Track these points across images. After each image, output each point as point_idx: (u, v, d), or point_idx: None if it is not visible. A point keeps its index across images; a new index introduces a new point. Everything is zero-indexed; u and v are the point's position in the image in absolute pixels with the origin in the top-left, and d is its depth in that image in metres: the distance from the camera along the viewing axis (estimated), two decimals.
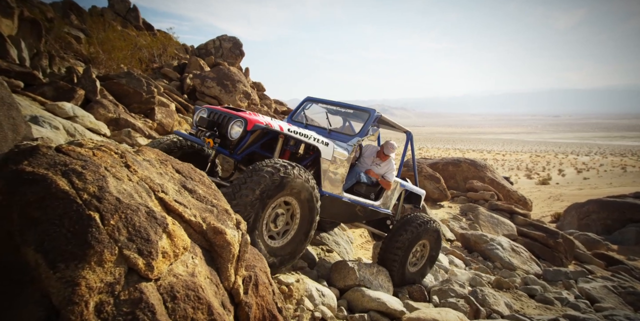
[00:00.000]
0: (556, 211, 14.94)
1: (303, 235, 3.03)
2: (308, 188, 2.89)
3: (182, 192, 1.57)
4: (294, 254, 3.01)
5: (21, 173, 1.05)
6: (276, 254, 2.84)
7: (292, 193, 2.83)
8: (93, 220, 1.02)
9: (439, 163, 13.30)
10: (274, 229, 2.87)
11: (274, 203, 2.77)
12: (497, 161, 46.29)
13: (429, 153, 52.92)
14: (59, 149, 1.22)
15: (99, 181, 1.14)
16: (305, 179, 2.86)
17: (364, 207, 4.03)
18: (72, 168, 1.13)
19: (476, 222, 9.14)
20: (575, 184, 26.90)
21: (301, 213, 2.99)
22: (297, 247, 3.02)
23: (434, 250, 4.68)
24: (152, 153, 1.81)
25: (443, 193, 11.02)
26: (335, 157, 3.52)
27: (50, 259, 0.93)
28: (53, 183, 1.05)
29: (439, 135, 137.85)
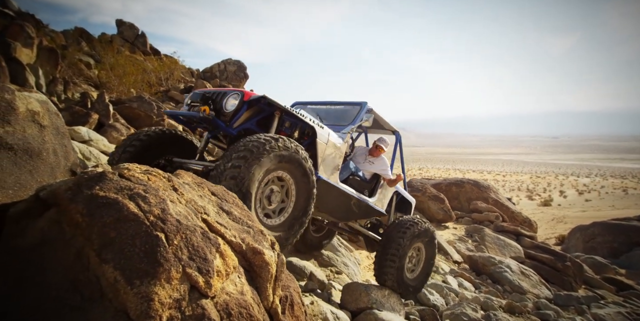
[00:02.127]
0: (560, 233, 14.85)
1: (301, 211, 2.88)
2: (299, 159, 2.71)
3: (220, 214, 1.67)
4: (294, 230, 2.85)
5: (96, 197, 1.16)
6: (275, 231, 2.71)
7: (283, 168, 2.67)
8: (160, 240, 1.12)
9: (441, 183, 13.38)
10: (268, 207, 2.71)
11: (265, 179, 2.61)
12: (497, 182, 46.29)
13: (430, 174, 52.99)
14: (122, 175, 1.33)
15: (161, 204, 1.24)
16: (294, 150, 2.67)
17: (359, 202, 3.88)
18: (137, 192, 1.24)
19: (482, 244, 9.10)
20: (577, 206, 26.80)
21: (296, 188, 2.83)
22: (296, 223, 2.86)
23: (429, 254, 4.50)
24: (188, 176, 1.92)
25: (448, 214, 11.03)
26: (331, 141, 3.41)
27: (127, 276, 1.02)
28: (124, 206, 1.15)
29: (438, 156, 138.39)
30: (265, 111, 3.13)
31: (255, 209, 2.54)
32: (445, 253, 7.99)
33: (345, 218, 4.14)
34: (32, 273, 1.12)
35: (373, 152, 4.34)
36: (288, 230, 2.79)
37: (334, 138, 3.48)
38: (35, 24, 9.41)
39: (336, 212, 3.85)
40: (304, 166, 2.79)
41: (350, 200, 3.77)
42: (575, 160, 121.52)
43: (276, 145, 2.54)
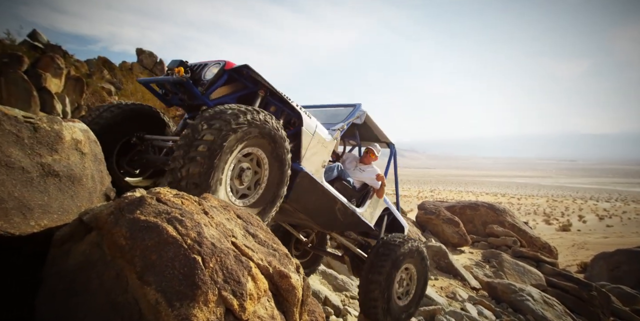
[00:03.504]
0: (582, 260, 14.26)
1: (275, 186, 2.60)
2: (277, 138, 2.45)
3: (247, 237, 1.71)
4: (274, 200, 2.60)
5: (137, 221, 1.23)
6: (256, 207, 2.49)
7: (258, 144, 2.40)
8: (198, 263, 1.17)
9: (455, 206, 13.16)
10: (239, 186, 2.42)
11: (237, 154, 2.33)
12: (512, 205, 45.16)
13: (442, 196, 52.11)
14: (159, 199, 1.41)
15: (197, 227, 1.31)
16: (274, 126, 2.42)
17: (345, 208, 3.47)
18: (174, 216, 1.31)
19: (501, 270, 8.80)
20: (599, 232, 25.83)
21: (270, 158, 2.53)
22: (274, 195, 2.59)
23: (421, 274, 3.99)
24: (214, 199, 1.99)
25: (463, 238, 10.77)
26: (318, 133, 3.12)
27: (168, 298, 1.06)
28: (164, 229, 1.22)
29: (450, 178, 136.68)
30: (248, 88, 2.88)
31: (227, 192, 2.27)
32: (462, 279, 7.74)
33: (328, 225, 3.65)
34: (77, 296, 1.17)
35: (364, 158, 4.03)
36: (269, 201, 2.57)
37: (322, 131, 3.19)
38: (62, 54, 10.04)
39: (318, 215, 3.39)
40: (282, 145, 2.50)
41: (335, 204, 3.38)
42: (593, 184, 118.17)
43: (258, 117, 2.29)
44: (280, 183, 2.62)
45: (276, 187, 2.61)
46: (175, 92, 2.85)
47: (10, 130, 1.36)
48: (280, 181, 2.61)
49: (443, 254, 8.17)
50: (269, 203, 2.58)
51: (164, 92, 2.98)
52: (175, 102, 2.98)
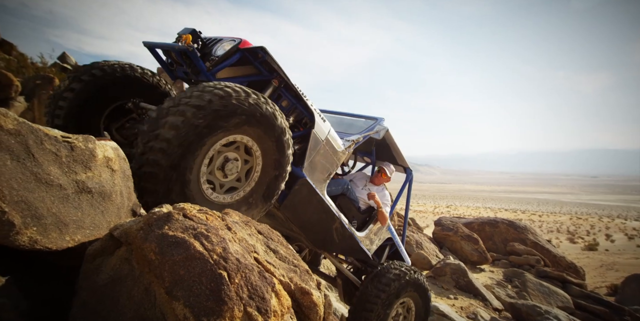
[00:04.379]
0: (612, 282, 13.53)
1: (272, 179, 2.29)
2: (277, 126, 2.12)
3: (268, 252, 1.73)
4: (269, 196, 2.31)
5: (166, 236, 1.27)
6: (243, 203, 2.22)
7: (248, 133, 2.07)
8: (224, 279, 1.19)
9: (474, 223, 12.83)
10: (223, 179, 2.13)
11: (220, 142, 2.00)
12: (533, 222, 43.64)
13: (459, 212, 50.87)
14: (185, 215, 1.46)
15: (222, 243, 1.34)
16: (272, 111, 2.09)
17: (343, 228, 3.12)
18: (200, 232, 1.35)
19: (524, 290, 8.45)
20: (628, 252, 24.57)
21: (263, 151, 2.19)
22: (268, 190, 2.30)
23: (420, 312, 3.61)
24: (236, 215, 2.02)
25: (483, 255, 10.44)
26: (329, 139, 2.83)
27: (196, 313, 1.08)
28: (191, 245, 1.26)
29: (466, 193, 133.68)
30: (261, 75, 2.60)
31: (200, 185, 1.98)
32: (484, 299, 7.46)
33: (321, 244, 3.27)
34: (107, 309, 1.21)
35: (374, 178, 3.71)
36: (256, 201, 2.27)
37: (335, 139, 2.91)
38: None
39: (311, 231, 3.04)
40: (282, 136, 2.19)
41: (333, 223, 3.05)
42: (619, 202, 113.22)
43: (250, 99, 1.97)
44: (277, 177, 2.29)
45: (272, 180, 2.27)
46: (180, 63, 2.55)
47: (51, 149, 1.44)
48: (278, 175, 2.29)
49: (462, 272, 7.92)
50: (261, 198, 2.27)
51: (169, 62, 2.69)
52: (180, 75, 2.70)
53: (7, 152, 1.22)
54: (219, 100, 1.88)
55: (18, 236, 1.17)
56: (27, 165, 1.30)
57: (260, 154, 2.20)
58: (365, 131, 3.33)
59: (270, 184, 2.30)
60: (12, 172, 1.22)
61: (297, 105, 2.76)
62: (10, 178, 1.20)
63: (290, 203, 2.70)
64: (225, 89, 1.93)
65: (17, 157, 1.27)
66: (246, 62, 2.55)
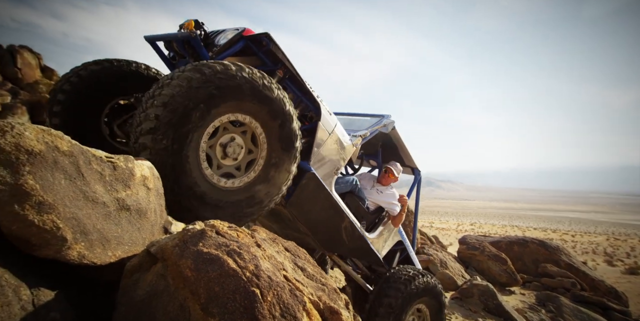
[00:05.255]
0: None
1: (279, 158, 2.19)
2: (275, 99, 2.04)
3: (296, 270, 1.75)
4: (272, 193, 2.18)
5: (201, 253, 1.32)
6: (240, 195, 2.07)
7: (250, 111, 1.99)
8: (257, 296, 1.22)
9: (501, 242, 12.33)
10: (222, 160, 2.06)
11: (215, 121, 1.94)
12: (565, 242, 41.34)
13: (484, 230, 48.97)
14: (218, 232, 1.51)
15: (254, 260, 1.38)
16: (267, 84, 2.01)
17: (352, 228, 3.02)
18: (233, 249, 1.39)
19: (559, 316, 7.94)
20: None
21: (266, 132, 2.12)
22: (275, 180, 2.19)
23: (436, 318, 3.48)
24: (263, 232, 2.07)
25: (512, 277, 9.95)
26: (336, 133, 2.76)
27: None
28: (225, 262, 1.30)
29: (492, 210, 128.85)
30: (265, 65, 2.54)
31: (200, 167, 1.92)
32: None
33: (330, 245, 3.13)
34: None
35: (382, 179, 3.61)
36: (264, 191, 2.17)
37: (342, 133, 2.85)
38: None
39: (320, 229, 2.93)
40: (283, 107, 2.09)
41: (342, 221, 2.94)
42: None
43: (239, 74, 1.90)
44: (280, 171, 2.19)
45: (275, 173, 2.17)
46: (183, 55, 2.53)
47: (97, 169, 1.55)
48: (282, 169, 2.19)
49: (491, 294, 7.57)
50: (262, 191, 2.16)
51: (172, 56, 2.66)
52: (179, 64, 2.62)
53: (62, 171, 1.32)
54: (213, 72, 1.84)
55: (69, 251, 1.25)
56: (77, 184, 1.40)
57: (266, 142, 2.13)
58: (373, 126, 3.27)
59: (274, 177, 2.19)
60: (66, 190, 1.32)
61: (303, 98, 2.67)
62: (64, 196, 1.30)
63: (297, 199, 2.60)
64: (220, 63, 1.92)
65: (70, 176, 1.37)
66: (250, 53, 2.51)
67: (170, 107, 1.77)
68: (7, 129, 1.19)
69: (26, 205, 1.17)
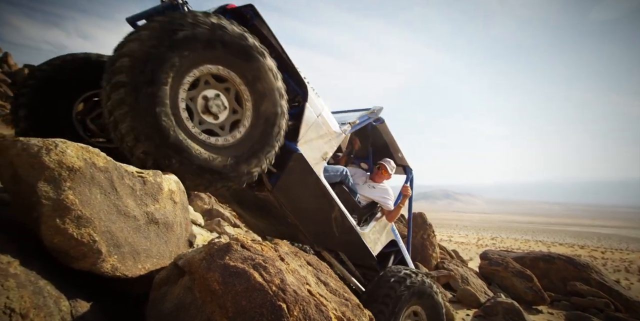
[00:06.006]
0: None
1: (264, 124, 2.11)
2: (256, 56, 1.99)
3: (319, 284, 1.75)
4: (258, 151, 2.08)
5: (228, 266, 1.35)
6: (224, 155, 1.96)
7: (218, 60, 1.88)
8: (283, 311, 1.23)
9: (525, 257, 11.86)
10: (203, 115, 1.97)
11: (191, 74, 1.83)
12: (595, 259, 39.26)
13: (506, 245, 47.18)
14: (243, 245, 1.54)
15: (279, 274, 1.39)
16: (238, 34, 1.91)
17: (343, 218, 2.87)
18: (258, 263, 1.41)
19: None
20: None
21: (251, 92, 2.04)
22: (261, 141, 2.09)
23: (434, 318, 3.22)
24: (285, 245, 2.08)
25: (539, 295, 9.51)
26: (325, 117, 2.69)
27: None
28: (251, 275, 1.32)
29: (514, 225, 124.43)
30: None
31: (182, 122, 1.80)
32: None
33: (320, 237, 2.96)
34: None
35: (375, 176, 3.52)
36: (250, 150, 2.07)
37: (330, 118, 2.78)
38: None
39: (309, 219, 2.78)
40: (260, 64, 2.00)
41: (332, 211, 2.81)
42: None
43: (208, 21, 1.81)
44: (267, 135, 2.11)
45: (261, 137, 2.09)
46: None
47: (129, 184, 1.62)
48: (268, 133, 2.11)
49: (517, 313, 7.24)
50: (245, 155, 2.06)
51: None
52: None
53: (98, 186, 1.39)
54: (178, 21, 1.75)
55: (103, 263, 1.30)
56: (111, 198, 1.47)
57: (251, 102, 2.05)
58: (361, 112, 3.17)
59: (260, 141, 2.10)
60: (101, 205, 1.38)
61: (289, 81, 2.56)
62: (99, 210, 1.36)
63: (284, 183, 2.49)
64: (188, 13, 1.84)
65: (105, 191, 1.44)
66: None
67: (134, 56, 1.64)
68: (52, 147, 1.27)
69: (66, 219, 1.24)
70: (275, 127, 2.17)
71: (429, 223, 10.93)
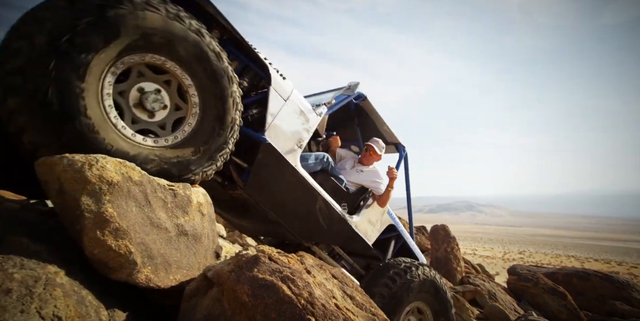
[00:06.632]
0: None
1: (214, 121, 1.86)
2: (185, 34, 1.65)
3: (345, 298, 1.73)
4: (208, 151, 1.84)
5: (257, 279, 1.37)
6: (165, 158, 1.69)
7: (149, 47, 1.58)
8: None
9: (557, 273, 11.25)
10: (146, 118, 1.68)
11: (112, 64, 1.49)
12: (635, 277, 36.78)
13: (535, 259, 44.95)
14: (270, 258, 1.56)
15: (307, 287, 1.39)
16: (173, 15, 1.61)
17: (329, 209, 2.66)
18: (286, 275, 1.42)
19: None
20: None
21: (198, 85, 1.77)
22: (208, 141, 1.83)
23: (441, 318, 2.95)
24: (310, 258, 2.08)
25: (574, 313, 8.96)
26: (294, 100, 2.43)
27: None
28: (280, 288, 1.33)
29: (542, 238, 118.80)
30: None
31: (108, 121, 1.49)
32: None
33: (308, 233, 2.73)
34: None
35: (363, 158, 3.26)
36: (196, 151, 1.83)
37: (301, 101, 2.52)
38: None
39: (291, 214, 2.57)
40: (200, 45, 1.72)
41: (314, 201, 2.58)
42: None
43: None
44: (219, 130, 1.85)
45: (212, 133, 1.84)
46: None
47: (161, 197, 1.68)
48: (219, 127, 1.85)
49: None
50: (194, 155, 1.82)
51: None
52: None
53: (133, 200, 1.46)
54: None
55: (138, 274, 1.35)
56: (145, 211, 1.53)
57: (197, 96, 1.79)
58: (336, 91, 2.90)
59: (210, 138, 1.84)
60: (136, 217, 1.44)
61: (250, 65, 2.33)
62: (135, 223, 1.42)
63: (256, 178, 2.30)
64: None
65: (139, 203, 1.50)
66: None
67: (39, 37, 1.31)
68: (94, 163, 1.34)
69: (106, 231, 1.30)
70: (227, 120, 1.89)
71: (452, 236, 10.61)
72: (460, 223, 30.03)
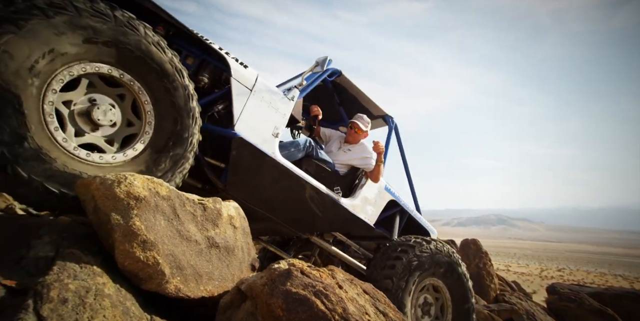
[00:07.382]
0: None
1: (170, 138, 1.75)
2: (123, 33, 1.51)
3: (378, 315, 1.64)
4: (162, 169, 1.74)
5: (290, 293, 1.32)
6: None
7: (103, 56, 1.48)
8: None
9: (604, 294, 10.39)
10: (85, 127, 1.55)
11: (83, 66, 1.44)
12: None
13: (576, 278, 42.01)
14: (302, 271, 1.50)
15: (341, 303, 1.33)
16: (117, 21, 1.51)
17: (320, 195, 2.54)
18: (319, 290, 1.37)
19: None
20: None
21: (151, 94, 1.64)
22: (163, 157, 1.72)
23: (458, 295, 2.77)
24: (340, 273, 2.01)
25: None
26: (260, 89, 2.28)
27: None
28: (314, 303, 1.28)
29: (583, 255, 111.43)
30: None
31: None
32: None
33: (301, 223, 2.64)
34: None
35: (348, 137, 3.10)
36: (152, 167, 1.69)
37: (267, 87, 2.36)
38: None
39: (281, 208, 2.47)
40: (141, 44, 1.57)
41: (303, 190, 2.48)
42: None
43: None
44: (175, 147, 1.75)
45: (165, 150, 1.74)
46: None
47: (190, 210, 1.69)
48: (175, 144, 1.75)
49: None
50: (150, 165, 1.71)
51: None
52: None
53: (161, 213, 1.48)
54: None
55: (167, 284, 1.35)
56: (173, 224, 1.54)
57: (152, 111, 1.68)
58: (306, 72, 2.69)
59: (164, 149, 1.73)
60: (164, 230, 1.46)
61: (207, 58, 2.21)
62: (163, 235, 1.43)
63: (235, 177, 2.19)
64: None
65: (168, 217, 1.51)
66: None
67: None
68: (122, 180, 1.39)
69: (134, 243, 1.32)
70: (184, 136, 1.80)
71: (484, 251, 10.11)
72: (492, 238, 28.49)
